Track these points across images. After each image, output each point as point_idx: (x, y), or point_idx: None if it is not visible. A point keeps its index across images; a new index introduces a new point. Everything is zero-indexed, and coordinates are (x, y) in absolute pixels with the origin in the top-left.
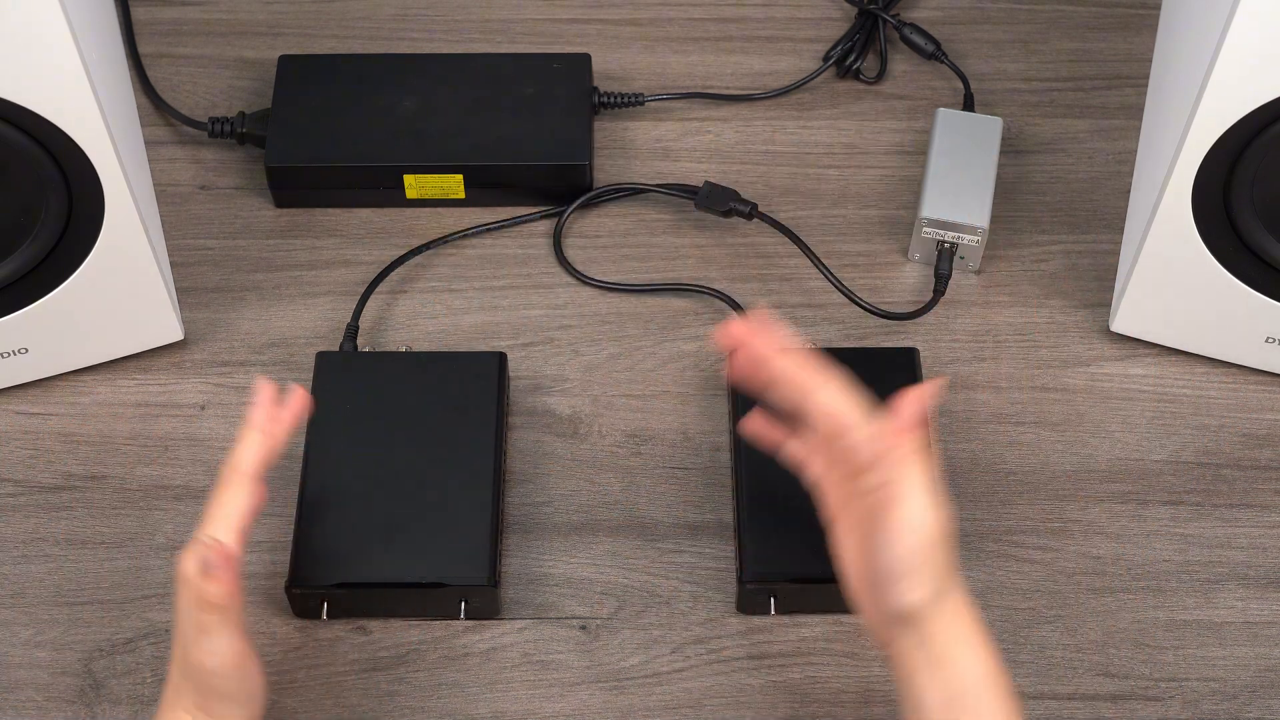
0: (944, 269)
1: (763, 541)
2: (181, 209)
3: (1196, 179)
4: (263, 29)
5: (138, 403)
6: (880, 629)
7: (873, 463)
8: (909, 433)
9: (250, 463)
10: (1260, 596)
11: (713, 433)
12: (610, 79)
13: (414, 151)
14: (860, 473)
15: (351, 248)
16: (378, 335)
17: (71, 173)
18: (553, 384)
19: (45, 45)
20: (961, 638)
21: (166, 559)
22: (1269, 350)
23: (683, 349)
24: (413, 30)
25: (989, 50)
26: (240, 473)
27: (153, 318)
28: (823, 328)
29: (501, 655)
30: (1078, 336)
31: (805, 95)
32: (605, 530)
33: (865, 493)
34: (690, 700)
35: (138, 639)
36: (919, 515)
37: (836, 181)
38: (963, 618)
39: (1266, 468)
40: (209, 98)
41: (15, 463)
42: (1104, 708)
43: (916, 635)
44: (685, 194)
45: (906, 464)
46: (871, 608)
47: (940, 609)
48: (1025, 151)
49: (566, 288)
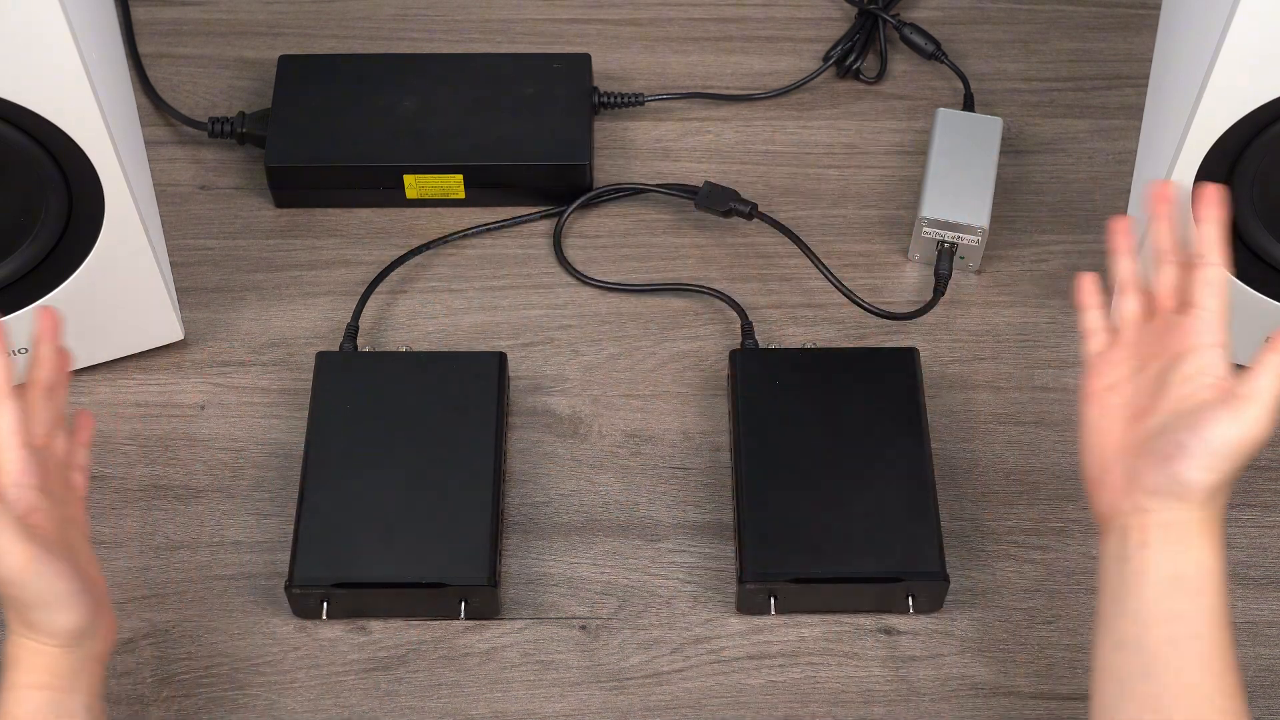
0: (944, 269)
1: (763, 541)
2: (181, 209)
3: (1197, 179)
4: (263, 29)
5: (138, 403)
6: (1122, 497)
7: (1222, 369)
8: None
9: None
10: (1260, 596)
11: (713, 433)
12: (610, 79)
13: (414, 151)
14: (1190, 360)
15: (351, 248)
16: (378, 335)
17: (71, 173)
18: (553, 384)
19: (45, 45)
20: (1210, 536)
21: (166, 559)
22: None
23: (683, 349)
24: (413, 30)
25: (989, 50)
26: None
27: (153, 318)
28: (823, 328)
29: (501, 655)
30: (1078, 336)
31: (805, 95)
32: (605, 530)
33: (1192, 376)
34: (690, 700)
35: (138, 639)
36: (1254, 421)
37: (836, 181)
38: (1218, 527)
39: (1266, 468)
40: (209, 98)
41: None
42: None
43: (1171, 512)
44: (685, 194)
45: (1265, 384)
46: (1124, 475)
47: (1207, 505)
48: (1025, 151)
49: (566, 288)
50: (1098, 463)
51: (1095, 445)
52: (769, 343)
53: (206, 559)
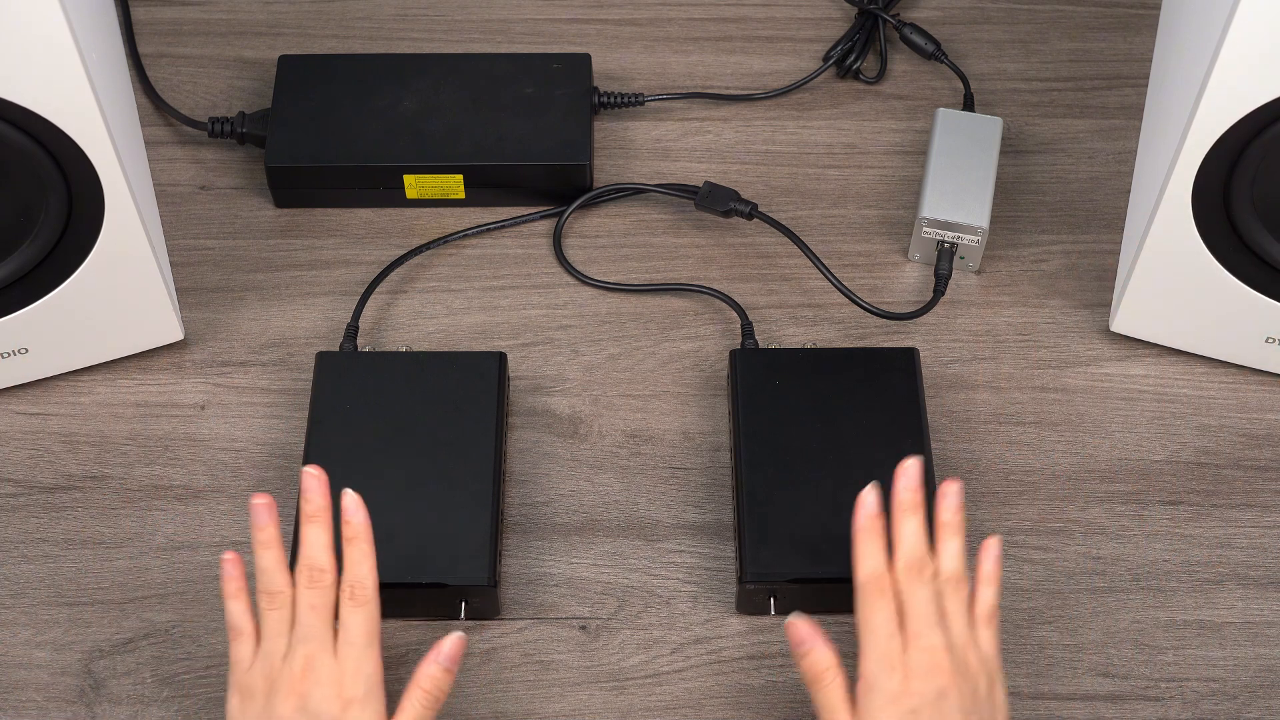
0: (944, 269)
1: (763, 541)
2: (181, 209)
3: (1196, 179)
4: (263, 29)
5: (138, 403)
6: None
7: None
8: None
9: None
10: (1260, 596)
11: (713, 433)
12: (610, 79)
13: (414, 151)
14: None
15: (351, 248)
16: (378, 335)
17: (71, 173)
18: (553, 384)
19: (45, 45)
20: None
21: (166, 559)
22: (1269, 350)
23: (683, 349)
24: (413, 30)
25: (989, 50)
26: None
27: (153, 318)
28: (823, 328)
29: (501, 655)
30: (1078, 336)
31: (805, 95)
32: (605, 530)
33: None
34: (690, 700)
35: (138, 639)
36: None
37: (836, 181)
38: None
39: (1266, 468)
40: (209, 98)
41: (15, 463)
42: (1104, 708)
43: None
44: (685, 194)
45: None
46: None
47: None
48: (1025, 151)
49: (566, 288)
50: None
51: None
52: (769, 343)
53: (206, 559)
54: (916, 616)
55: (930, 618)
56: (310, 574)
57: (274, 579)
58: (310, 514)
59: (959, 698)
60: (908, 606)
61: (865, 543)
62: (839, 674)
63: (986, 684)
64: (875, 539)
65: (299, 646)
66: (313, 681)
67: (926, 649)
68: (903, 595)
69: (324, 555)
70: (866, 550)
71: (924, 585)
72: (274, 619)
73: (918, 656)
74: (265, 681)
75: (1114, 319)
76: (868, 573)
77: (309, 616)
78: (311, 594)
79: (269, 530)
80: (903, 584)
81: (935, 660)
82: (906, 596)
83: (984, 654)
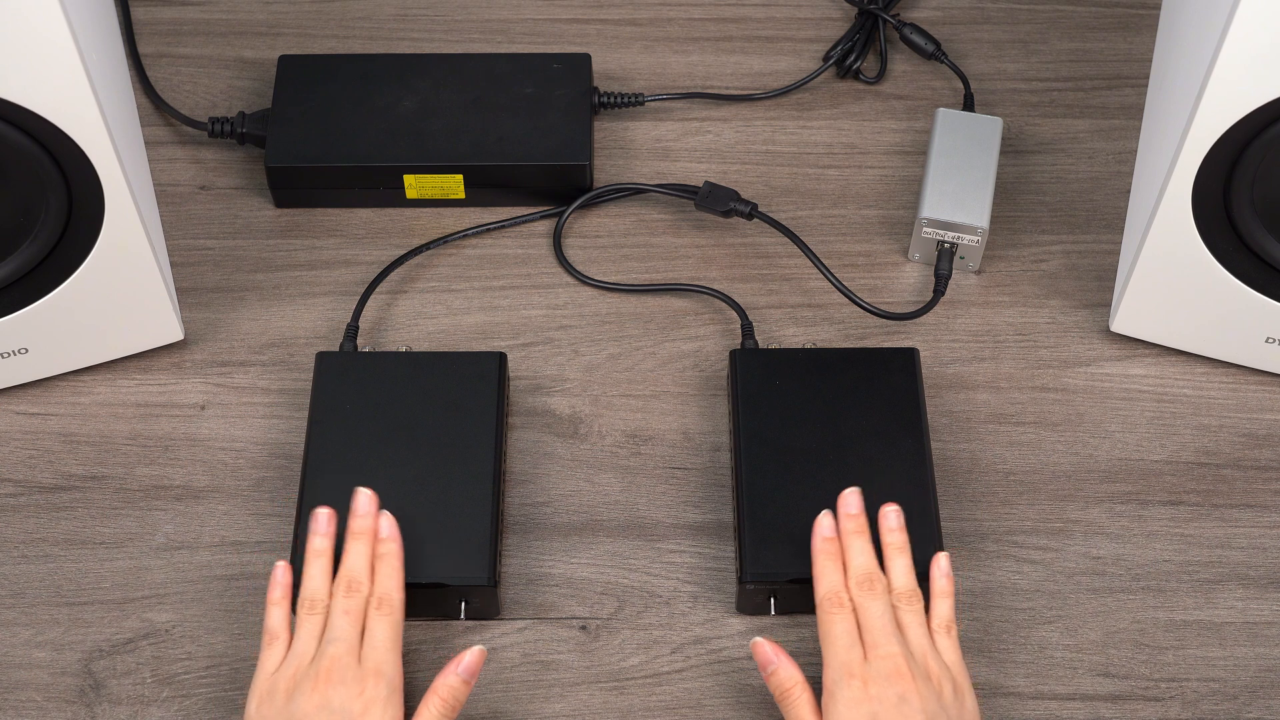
0: (944, 269)
1: (763, 541)
2: (181, 209)
3: (1196, 179)
4: (263, 29)
5: (138, 403)
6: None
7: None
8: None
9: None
10: (1260, 596)
11: (713, 433)
12: (610, 79)
13: (414, 151)
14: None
15: (351, 248)
16: (378, 335)
17: (71, 173)
18: (553, 384)
19: (45, 45)
20: None
21: (166, 559)
22: (1269, 350)
23: (683, 349)
24: (413, 30)
25: (989, 50)
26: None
27: (153, 318)
28: (823, 328)
29: (501, 655)
30: (1078, 336)
31: (805, 95)
32: (605, 530)
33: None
34: (690, 700)
35: (138, 639)
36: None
37: (836, 181)
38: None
39: (1266, 468)
40: (209, 98)
41: (15, 463)
42: (1104, 708)
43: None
44: (685, 194)
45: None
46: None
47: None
48: (1025, 151)
49: (566, 288)
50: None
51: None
52: (769, 343)
53: (206, 559)
54: (873, 629)
55: (887, 629)
56: (349, 584)
57: (320, 588)
58: (357, 531)
59: (921, 701)
60: (864, 619)
61: (822, 563)
62: (805, 689)
63: (952, 689)
64: (831, 559)
65: (327, 647)
66: (337, 680)
67: (885, 656)
68: (859, 610)
69: (364, 570)
70: (824, 569)
71: (877, 599)
72: (311, 624)
73: (877, 664)
74: (289, 682)
75: (1114, 319)
76: (826, 589)
77: (341, 620)
78: (346, 601)
79: (325, 541)
80: (857, 599)
81: (895, 666)
82: (862, 611)
83: (945, 661)
